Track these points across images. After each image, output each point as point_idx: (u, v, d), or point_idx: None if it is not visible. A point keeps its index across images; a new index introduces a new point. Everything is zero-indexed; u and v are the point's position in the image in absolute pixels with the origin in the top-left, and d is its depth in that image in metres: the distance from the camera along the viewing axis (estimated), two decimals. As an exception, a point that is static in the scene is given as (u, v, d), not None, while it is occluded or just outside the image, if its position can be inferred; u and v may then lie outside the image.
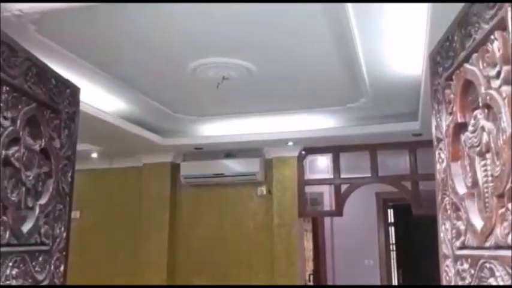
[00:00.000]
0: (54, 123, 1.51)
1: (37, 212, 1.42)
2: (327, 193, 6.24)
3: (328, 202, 6.21)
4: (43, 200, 1.46)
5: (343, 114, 4.43)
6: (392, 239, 6.95)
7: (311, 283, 6.65)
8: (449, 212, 1.23)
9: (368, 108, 4.21)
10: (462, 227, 1.13)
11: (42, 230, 1.46)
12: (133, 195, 5.58)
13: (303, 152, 5.22)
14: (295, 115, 4.48)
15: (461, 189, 1.14)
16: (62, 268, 1.57)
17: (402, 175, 4.99)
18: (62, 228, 1.57)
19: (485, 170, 1.01)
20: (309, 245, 7.17)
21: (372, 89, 3.77)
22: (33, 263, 1.40)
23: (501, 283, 0.93)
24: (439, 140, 1.30)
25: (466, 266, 1.11)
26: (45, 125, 1.45)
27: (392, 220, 7.02)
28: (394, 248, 7.01)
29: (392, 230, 6.95)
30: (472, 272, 1.07)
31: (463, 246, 1.12)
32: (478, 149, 1.04)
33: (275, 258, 5.06)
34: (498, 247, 0.94)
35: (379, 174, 5.00)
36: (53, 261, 1.52)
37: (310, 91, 3.84)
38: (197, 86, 3.67)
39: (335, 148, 5.10)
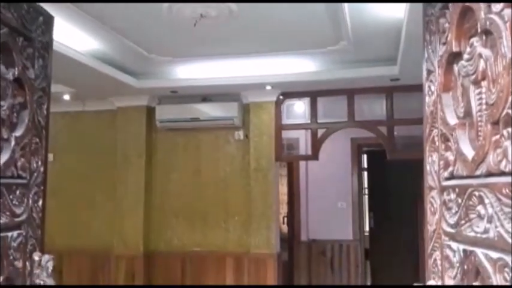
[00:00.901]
0: (27, 52, 1.43)
1: (13, 143, 1.36)
2: (302, 139, 6.30)
3: (303, 147, 6.28)
4: (18, 132, 1.40)
5: (323, 58, 4.37)
6: (365, 184, 7.10)
7: (285, 225, 6.81)
8: (437, 143, 1.23)
9: (348, 52, 4.16)
10: (451, 158, 1.13)
11: (19, 163, 1.40)
12: (108, 139, 5.50)
13: (281, 97, 5.18)
14: (274, 58, 4.40)
15: (452, 120, 1.13)
16: (40, 203, 1.53)
17: (378, 120, 5.03)
18: (39, 163, 1.52)
19: (480, 99, 1.00)
20: (283, 189, 7.28)
21: (353, 32, 3.71)
22: (11, 196, 1.36)
23: (490, 210, 0.94)
24: (429, 72, 1.28)
25: (453, 196, 1.12)
26: (17, 52, 1.36)
27: (366, 165, 7.15)
28: (367, 192, 7.18)
29: (365, 175, 7.09)
30: (460, 201, 1.08)
31: (451, 177, 1.13)
32: (473, 77, 1.02)
33: (252, 201, 5.12)
34: (489, 175, 0.94)
35: (355, 119, 5.03)
36: (31, 195, 1.48)
37: (291, 33, 3.76)
38: (173, 25, 3.53)
39: (313, 93, 5.07)
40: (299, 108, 5.58)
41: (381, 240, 6.80)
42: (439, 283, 1.16)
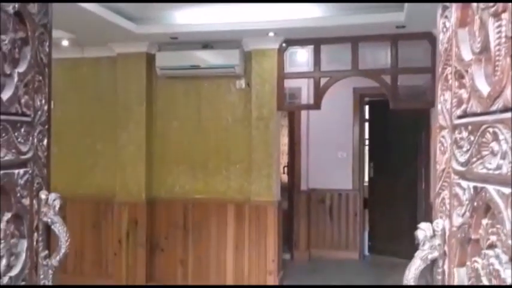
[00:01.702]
0: (26, -15, 1.38)
1: (15, 80, 1.33)
2: (304, 88, 6.25)
3: (305, 97, 6.23)
4: (21, 68, 1.37)
5: (328, 3, 4.26)
6: (366, 135, 7.11)
7: (285, 175, 6.87)
8: (450, 81, 1.20)
9: (354, -4, 4.05)
10: (465, 95, 1.11)
11: (23, 101, 1.38)
12: (108, 86, 5.45)
13: (284, 45, 5.09)
14: (278, 3, 4.29)
15: (468, 56, 1.10)
16: (45, 142, 1.52)
17: (382, 69, 4.97)
18: (43, 101, 1.50)
19: (499, 32, 0.96)
20: (284, 139, 7.30)
21: (359, -25, 3.60)
22: (16, 134, 1.34)
23: (504, 146, 0.93)
24: (445, 8, 1.24)
25: (464, 134, 1.10)
26: (17, -15, 1.31)
27: (367, 116, 7.13)
28: (367, 143, 7.20)
29: (366, 125, 7.08)
30: (472, 138, 1.07)
31: (464, 115, 1.11)
32: (493, 9, 0.98)
33: (253, 150, 5.14)
34: (505, 110, 0.92)
35: (359, 68, 4.96)
36: (35, 134, 1.46)
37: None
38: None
39: (316, 40, 4.98)
40: (302, 57, 5.50)
41: (380, 190, 6.88)
42: (447, 222, 1.17)
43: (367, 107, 7.07)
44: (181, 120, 5.39)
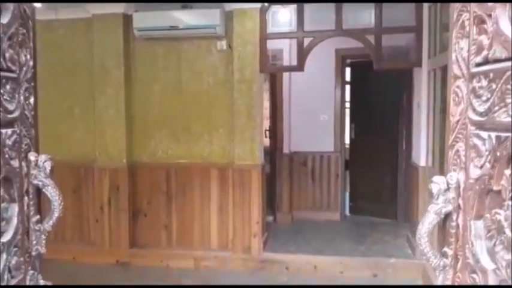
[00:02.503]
0: None
1: (-1, 31, 1.22)
2: (286, 50, 6.15)
3: (287, 59, 6.14)
4: (4, 19, 1.26)
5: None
6: (347, 97, 7.09)
7: (267, 138, 6.83)
8: (467, 28, 1.15)
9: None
10: (486, 41, 1.06)
11: (7, 55, 1.27)
12: (84, 49, 5.25)
13: (266, 4, 4.95)
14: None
15: (491, -1, 1.04)
16: (31, 100, 1.42)
17: (366, 28, 4.89)
18: (28, 56, 1.39)
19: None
20: (265, 104, 7.22)
21: None
22: (2, 91, 1.24)
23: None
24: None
25: (484, 82, 1.06)
26: None
27: (349, 79, 7.10)
28: (349, 105, 7.19)
29: (347, 88, 7.05)
30: (494, 86, 1.02)
31: (484, 62, 1.06)
32: None
33: (235, 113, 5.06)
34: (533, 54, 0.88)
35: (343, 28, 4.87)
36: (21, 92, 1.36)
37: None
38: None
39: (299, -1, 4.86)
40: (284, 17, 5.36)
41: (361, 151, 6.92)
42: (461, 174, 1.13)
43: (348, 70, 7.03)
44: (161, 84, 5.25)
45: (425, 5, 4.75)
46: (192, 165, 5.23)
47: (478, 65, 1.09)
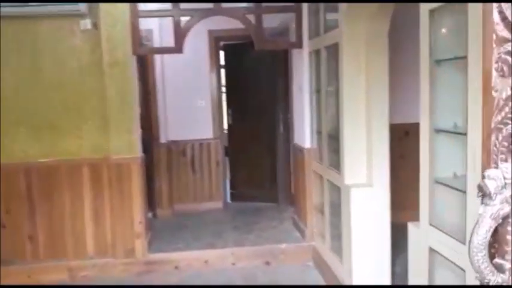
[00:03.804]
0: None
1: None
2: (156, 30, 5.68)
3: (158, 40, 5.69)
4: None
5: None
6: (223, 81, 6.83)
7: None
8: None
9: None
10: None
11: None
12: None
13: (136, -23, 4.42)
14: None
15: None
16: None
17: (246, 7, 4.65)
18: None
19: None
20: (135, 89, 6.63)
21: None
22: None
23: None
24: None
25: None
26: None
27: (223, 62, 6.84)
28: (224, 90, 6.94)
29: (222, 72, 6.79)
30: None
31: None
32: None
33: (108, 101, 4.49)
34: None
35: (222, 6, 4.56)
36: None
37: None
38: None
39: (174, -26, 4.42)
40: (156, -6, 4.89)
41: (239, 137, 6.74)
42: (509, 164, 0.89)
43: (222, 53, 6.76)
44: (14, 71, 4.43)
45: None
46: (58, 164, 4.53)
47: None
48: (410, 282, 2.74)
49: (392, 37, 3.69)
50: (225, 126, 6.87)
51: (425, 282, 2.50)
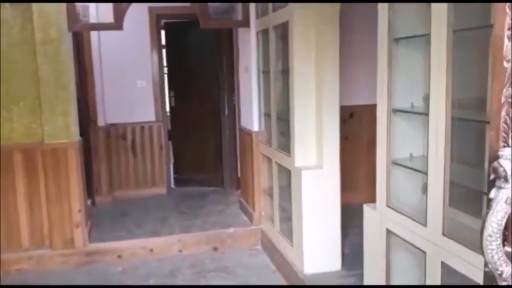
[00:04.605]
0: None
1: None
2: (93, 6, 5.30)
3: (94, 16, 5.32)
4: None
5: None
6: (165, 62, 6.55)
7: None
8: None
9: None
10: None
11: None
12: None
13: None
14: None
15: None
16: None
17: (192, -17, 4.43)
18: None
19: None
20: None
21: None
22: None
23: None
24: None
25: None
26: None
27: (164, 41, 6.56)
28: (166, 71, 6.67)
29: (164, 52, 6.51)
30: None
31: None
32: None
33: (41, 82, 4.16)
34: None
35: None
36: None
37: None
38: None
39: None
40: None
41: (183, 120, 6.52)
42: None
43: (163, 32, 6.47)
44: None
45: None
46: (-15, 150, 4.15)
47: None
48: (366, 265, 2.72)
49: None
50: (168, 108, 6.61)
51: (382, 265, 2.48)
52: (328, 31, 3.56)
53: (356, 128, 5.48)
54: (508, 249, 0.82)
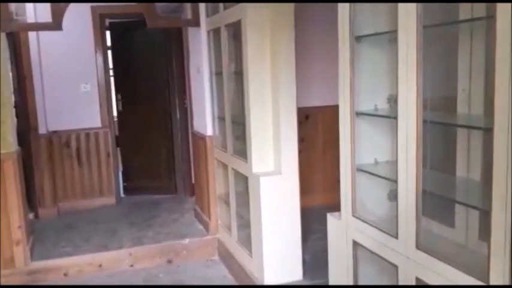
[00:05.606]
0: None
1: None
2: (30, 4, 4.96)
3: (32, 15, 4.96)
4: None
5: None
6: (111, 64, 6.21)
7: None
8: None
9: None
10: None
11: None
12: None
13: None
14: None
15: None
16: None
17: (136, -20, 4.17)
18: None
19: None
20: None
21: None
22: None
23: None
24: None
25: None
26: None
27: (110, 44, 6.22)
28: (112, 74, 6.32)
29: (109, 54, 6.17)
30: None
31: None
32: None
33: (-29, 88, 3.76)
34: None
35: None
36: None
37: None
38: None
39: None
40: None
41: (131, 125, 6.20)
42: None
43: (108, 33, 6.13)
44: None
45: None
46: None
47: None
48: (332, 278, 2.56)
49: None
50: (115, 113, 6.27)
51: (350, 278, 2.33)
52: (283, 30, 3.39)
53: (312, 130, 5.39)
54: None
